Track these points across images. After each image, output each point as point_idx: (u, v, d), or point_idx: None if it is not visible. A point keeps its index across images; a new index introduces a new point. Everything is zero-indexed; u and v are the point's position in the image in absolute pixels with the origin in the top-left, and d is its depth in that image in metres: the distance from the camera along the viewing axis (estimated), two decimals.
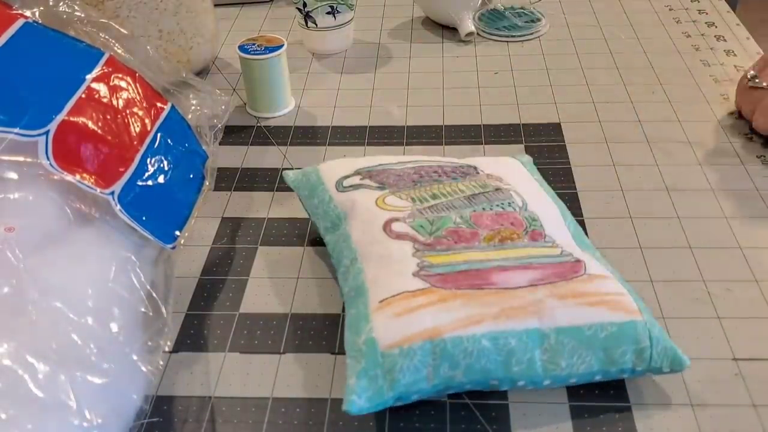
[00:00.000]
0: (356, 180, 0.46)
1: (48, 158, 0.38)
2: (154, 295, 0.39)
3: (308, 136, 0.60)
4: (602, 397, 0.39)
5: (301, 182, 0.48)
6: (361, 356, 0.36)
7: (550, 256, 0.40)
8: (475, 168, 0.47)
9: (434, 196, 0.44)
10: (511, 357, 0.36)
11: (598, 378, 0.38)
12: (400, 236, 0.41)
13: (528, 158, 0.52)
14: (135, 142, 0.42)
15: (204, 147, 0.48)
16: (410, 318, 0.36)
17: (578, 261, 0.40)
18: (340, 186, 0.46)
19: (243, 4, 0.82)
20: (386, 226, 0.42)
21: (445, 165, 0.47)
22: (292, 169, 0.54)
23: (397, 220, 0.42)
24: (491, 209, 0.43)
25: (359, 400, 0.35)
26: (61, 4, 0.46)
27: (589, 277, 0.39)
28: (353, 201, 0.44)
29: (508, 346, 0.36)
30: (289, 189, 0.54)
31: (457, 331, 0.36)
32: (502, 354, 0.36)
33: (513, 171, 0.48)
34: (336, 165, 0.48)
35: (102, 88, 0.43)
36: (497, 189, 0.45)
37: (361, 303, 0.38)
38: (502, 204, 0.43)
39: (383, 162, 0.48)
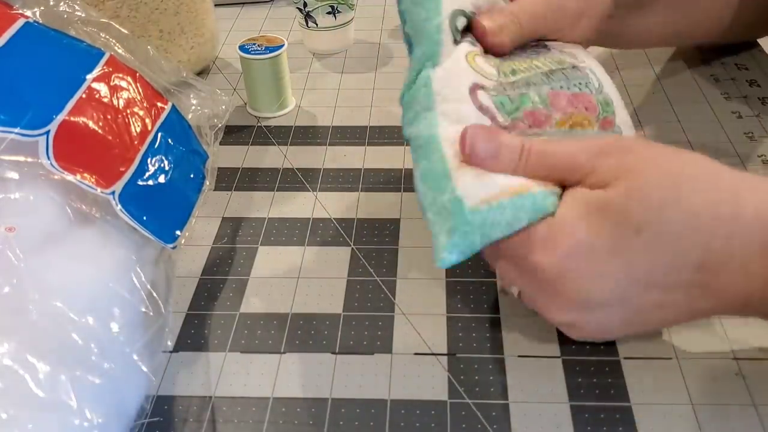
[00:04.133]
0: (463, 22, 0.43)
1: (49, 158, 0.38)
2: (155, 294, 0.39)
3: (308, 136, 0.60)
4: (602, 397, 0.39)
5: None
6: (448, 214, 0.37)
7: None
8: (546, 45, 0.46)
9: (513, 72, 0.42)
10: None
11: None
12: (482, 109, 0.40)
13: None
14: (136, 142, 0.42)
15: (204, 147, 0.48)
16: (492, 178, 0.37)
17: None
18: (453, 23, 0.42)
19: (243, 4, 0.82)
20: (473, 91, 0.40)
21: None
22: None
23: (482, 88, 0.41)
24: (568, 89, 0.42)
25: (450, 255, 0.36)
26: (61, 4, 0.46)
27: None
28: (451, 47, 0.42)
29: None
30: (289, 188, 0.54)
31: (543, 188, 0.37)
32: None
33: (584, 51, 0.47)
34: None
35: (102, 88, 0.43)
36: (574, 66, 0.43)
37: (436, 157, 0.38)
38: (580, 84, 0.42)
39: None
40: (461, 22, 0.43)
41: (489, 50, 0.44)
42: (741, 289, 0.35)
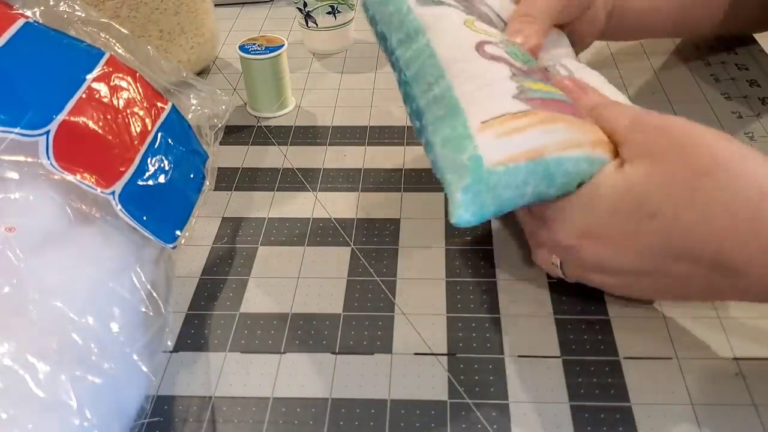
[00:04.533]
0: None
1: (49, 158, 0.38)
2: (155, 294, 0.39)
3: (308, 136, 0.60)
4: (602, 397, 0.39)
5: None
6: (465, 172, 0.37)
7: None
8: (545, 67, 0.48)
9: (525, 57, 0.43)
10: None
11: None
12: (495, 58, 0.40)
13: None
14: (136, 142, 0.42)
15: (204, 147, 0.48)
16: (514, 138, 0.37)
17: None
18: None
19: (243, 4, 0.82)
20: (479, 47, 0.41)
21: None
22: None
23: (489, 42, 0.41)
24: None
25: (466, 213, 0.36)
26: (61, 4, 0.46)
27: None
28: (438, 16, 0.43)
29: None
30: (289, 188, 0.54)
31: (559, 152, 0.37)
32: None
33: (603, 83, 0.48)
34: None
35: (102, 88, 0.43)
36: (545, 69, 0.46)
37: (459, 123, 0.39)
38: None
39: None
40: None
41: None
42: (761, 287, 0.35)
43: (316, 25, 0.70)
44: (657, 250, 0.36)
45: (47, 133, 0.39)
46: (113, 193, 0.40)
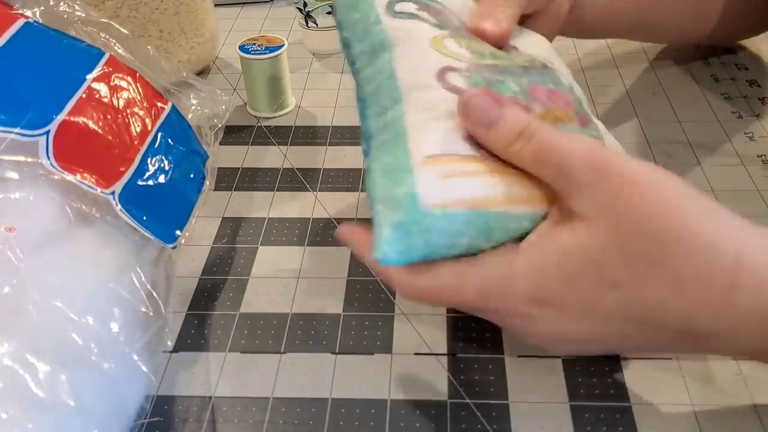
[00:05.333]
0: (411, 7, 0.41)
1: (49, 158, 0.38)
2: (155, 294, 0.39)
3: (308, 136, 0.60)
4: (602, 397, 0.39)
5: None
6: (399, 207, 0.33)
7: None
8: (515, 47, 0.44)
9: (493, 56, 0.40)
10: None
11: None
12: (454, 90, 0.37)
13: None
14: (136, 142, 0.42)
15: (204, 147, 0.48)
16: (458, 182, 0.34)
17: None
18: (391, 9, 0.41)
19: (243, 4, 0.82)
20: (441, 74, 0.38)
21: None
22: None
23: (453, 69, 0.38)
24: (545, 84, 0.40)
25: (390, 251, 0.33)
26: (61, 3, 0.46)
27: None
28: (406, 31, 0.40)
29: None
30: (289, 188, 0.54)
31: (504, 207, 0.34)
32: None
33: (551, 51, 0.45)
34: None
35: (102, 88, 0.43)
36: (545, 66, 0.41)
37: (401, 152, 0.35)
38: (553, 82, 0.40)
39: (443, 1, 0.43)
40: (404, 7, 0.41)
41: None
42: (735, 349, 0.33)
43: (316, 25, 0.70)
44: (621, 318, 0.33)
45: (47, 133, 0.39)
46: (113, 193, 0.40)
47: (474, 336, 0.42)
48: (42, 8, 0.45)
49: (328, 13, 0.69)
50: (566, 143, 0.33)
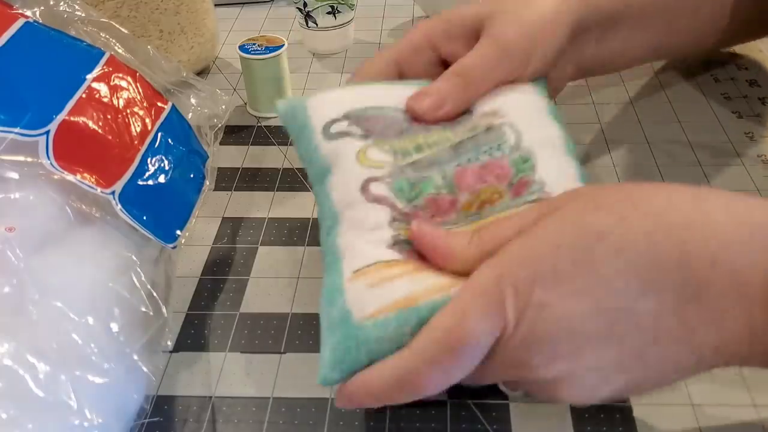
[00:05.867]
0: (344, 126, 0.41)
1: (49, 158, 0.38)
2: (155, 294, 0.39)
3: None
4: None
5: (289, 118, 0.44)
6: (336, 327, 0.35)
7: None
8: (470, 109, 0.43)
9: (418, 148, 0.40)
10: None
11: None
12: (377, 199, 0.38)
13: (541, 78, 0.47)
14: (136, 142, 0.42)
15: (204, 147, 0.48)
16: (384, 288, 0.35)
17: None
18: (327, 132, 0.41)
19: (243, 4, 0.82)
20: (364, 187, 0.39)
21: None
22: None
23: (375, 180, 0.39)
24: (477, 159, 0.39)
25: (332, 372, 0.34)
26: (61, 3, 0.46)
27: None
28: (337, 154, 0.41)
29: None
30: (289, 188, 0.54)
31: (432, 296, 0.34)
32: None
33: (515, 93, 0.44)
34: (327, 101, 0.43)
35: (102, 88, 0.43)
36: (488, 129, 0.41)
37: (336, 272, 0.37)
38: (491, 149, 0.40)
39: (377, 103, 0.43)
40: (338, 127, 0.41)
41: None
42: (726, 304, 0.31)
43: (316, 25, 0.70)
44: (618, 273, 0.31)
45: (47, 133, 0.39)
46: (113, 192, 0.40)
47: None
48: (42, 8, 0.45)
49: (328, 13, 0.69)
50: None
